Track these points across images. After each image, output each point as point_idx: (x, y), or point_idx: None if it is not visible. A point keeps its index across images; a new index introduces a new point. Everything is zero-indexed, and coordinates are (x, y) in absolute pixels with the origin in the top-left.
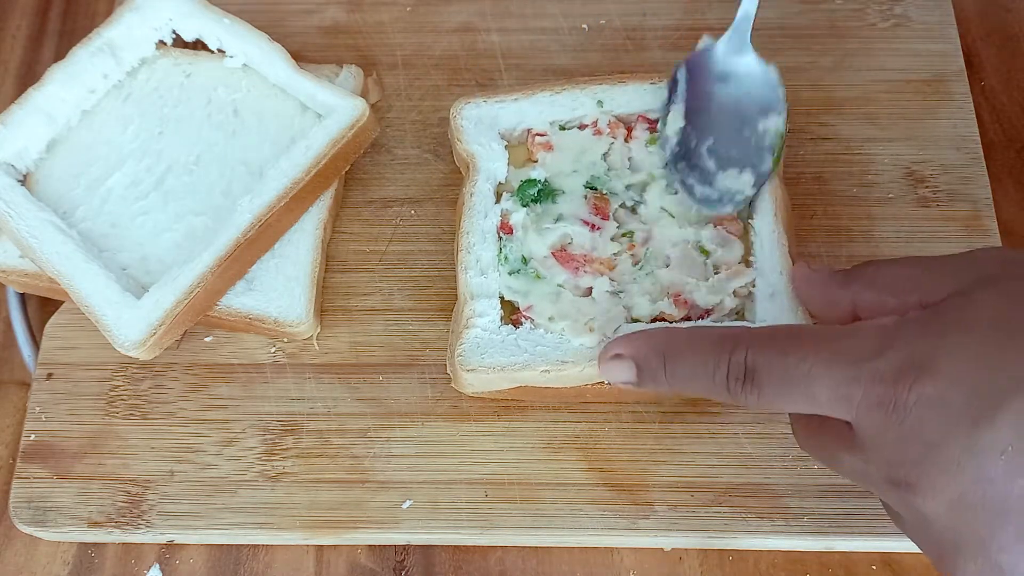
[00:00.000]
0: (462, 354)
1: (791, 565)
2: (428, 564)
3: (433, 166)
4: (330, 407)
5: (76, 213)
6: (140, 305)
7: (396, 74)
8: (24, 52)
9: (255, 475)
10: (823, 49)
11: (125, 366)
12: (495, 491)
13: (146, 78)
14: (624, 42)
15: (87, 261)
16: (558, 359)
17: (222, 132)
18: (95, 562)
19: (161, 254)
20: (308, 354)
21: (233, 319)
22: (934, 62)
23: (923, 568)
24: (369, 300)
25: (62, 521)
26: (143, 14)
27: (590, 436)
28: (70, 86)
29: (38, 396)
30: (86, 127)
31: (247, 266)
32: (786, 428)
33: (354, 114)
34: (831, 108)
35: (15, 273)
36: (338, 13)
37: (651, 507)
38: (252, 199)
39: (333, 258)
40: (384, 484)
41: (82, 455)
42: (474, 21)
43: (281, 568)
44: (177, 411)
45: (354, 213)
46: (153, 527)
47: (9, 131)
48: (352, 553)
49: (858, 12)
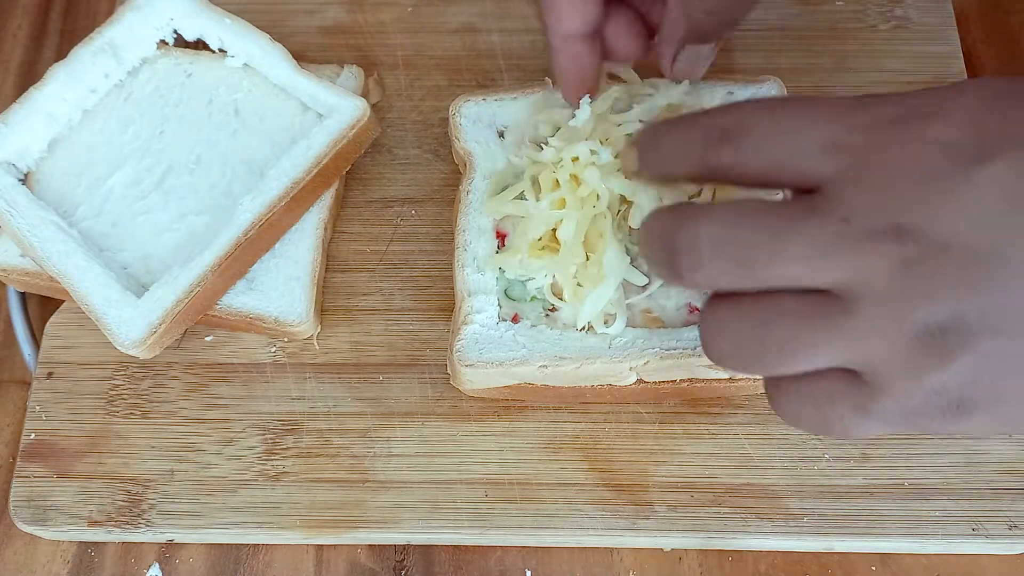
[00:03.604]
0: (460, 350)
1: (791, 565)
2: (428, 564)
3: (434, 166)
4: (330, 407)
5: (77, 212)
6: (141, 304)
7: (397, 74)
8: (25, 51)
9: (255, 474)
10: (824, 50)
11: (126, 365)
12: (495, 491)
13: (147, 78)
14: None
15: (88, 260)
16: (556, 355)
17: (223, 132)
18: (95, 561)
19: (162, 253)
20: (308, 354)
21: (233, 318)
22: (935, 64)
23: (923, 568)
24: (369, 300)
25: (62, 520)
26: (144, 13)
27: (590, 436)
28: (71, 86)
29: (38, 395)
30: (87, 126)
31: (248, 265)
32: (786, 428)
33: (355, 114)
34: None
35: (16, 272)
36: (339, 13)
37: (651, 507)
38: (253, 199)
39: (333, 258)
40: (384, 484)
41: (82, 454)
42: (475, 22)
43: (281, 567)
44: (177, 410)
45: (355, 213)
46: (153, 526)
47: (10, 130)
48: (352, 553)
49: (859, 14)
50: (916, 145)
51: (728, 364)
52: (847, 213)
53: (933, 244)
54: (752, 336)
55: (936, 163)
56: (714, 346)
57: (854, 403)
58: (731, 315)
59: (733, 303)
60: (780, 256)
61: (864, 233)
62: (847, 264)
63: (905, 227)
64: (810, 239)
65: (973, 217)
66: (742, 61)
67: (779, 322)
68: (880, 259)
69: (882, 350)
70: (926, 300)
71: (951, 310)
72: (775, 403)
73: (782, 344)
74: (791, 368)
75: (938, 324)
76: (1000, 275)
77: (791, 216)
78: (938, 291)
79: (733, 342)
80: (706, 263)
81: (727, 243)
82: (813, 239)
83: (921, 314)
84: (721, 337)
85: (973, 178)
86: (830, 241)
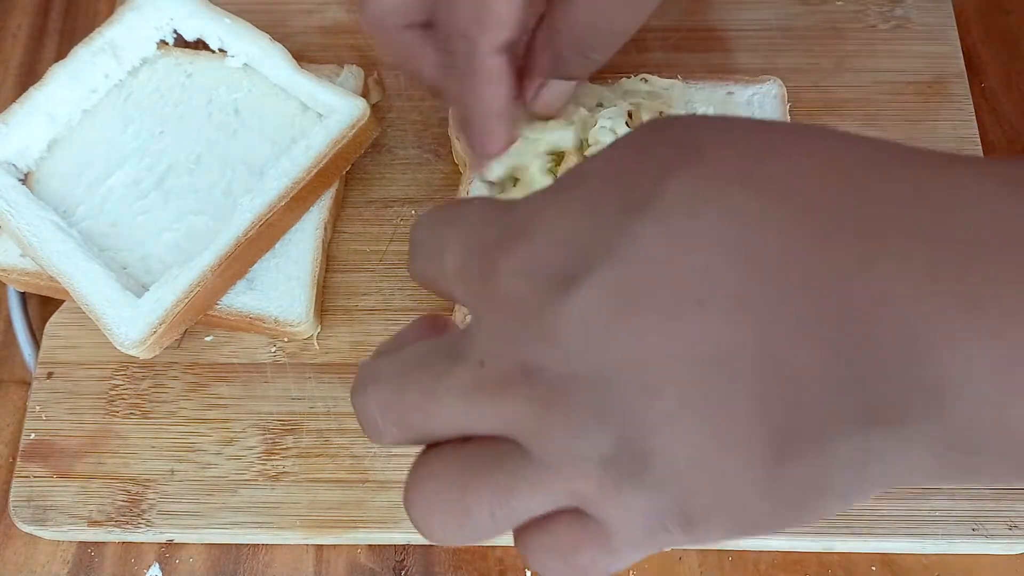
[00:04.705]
0: None
1: (791, 565)
2: (428, 564)
3: (434, 166)
4: (330, 406)
5: (77, 212)
6: (140, 304)
7: (397, 74)
8: (25, 51)
9: (255, 474)
10: (823, 50)
11: (125, 365)
12: None
13: (147, 78)
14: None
15: (87, 260)
16: None
17: (223, 132)
18: (95, 561)
19: (162, 253)
20: (308, 354)
21: (233, 318)
22: (934, 64)
23: (922, 568)
24: (369, 300)
25: (62, 520)
26: (144, 13)
27: None
28: (71, 85)
29: (38, 395)
30: (87, 126)
31: (248, 265)
32: None
33: (355, 114)
34: (831, 109)
35: (15, 272)
36: (339, 13)
37: None
38: (253, 199)
39: (333, 258)
40: (384, 484)
41: (82, 454)
42: None
43: (281, 567)
44: (177, 410)
45: (355, 213)
46: (153, 526)
47: (10, 130)
48: (352, 553)
49: (858, 14)
50: (506, 277)
51: (451, 539)
52: (481, 355)
53: (558, 378)
54: (454, 505)
55: (525, 297)
56: (425, 529)
57: (597, 544)
58: (429, 486)
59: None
60: (435, 417)
61: (498, 377)
62: (493, 413)
63: (528, 366)
64: (456, 393)
65: (575, 349)
66: (742, 61)
67: (475, 486)
68: (518, 404)
69: (580, 487)
70: (580, 434)
71: (611, 437)
72: (530, 564)
73: (491, 509)
74: (508, 526)
75: (606, 453)
76: (624, 400)
77: (440, 368)
78: (585, 424)
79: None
80: (383, 432)
81: (388, 411)
82: (458, 392)
83: (584, 448)
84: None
85: (564, 307)
86: (474, 390)
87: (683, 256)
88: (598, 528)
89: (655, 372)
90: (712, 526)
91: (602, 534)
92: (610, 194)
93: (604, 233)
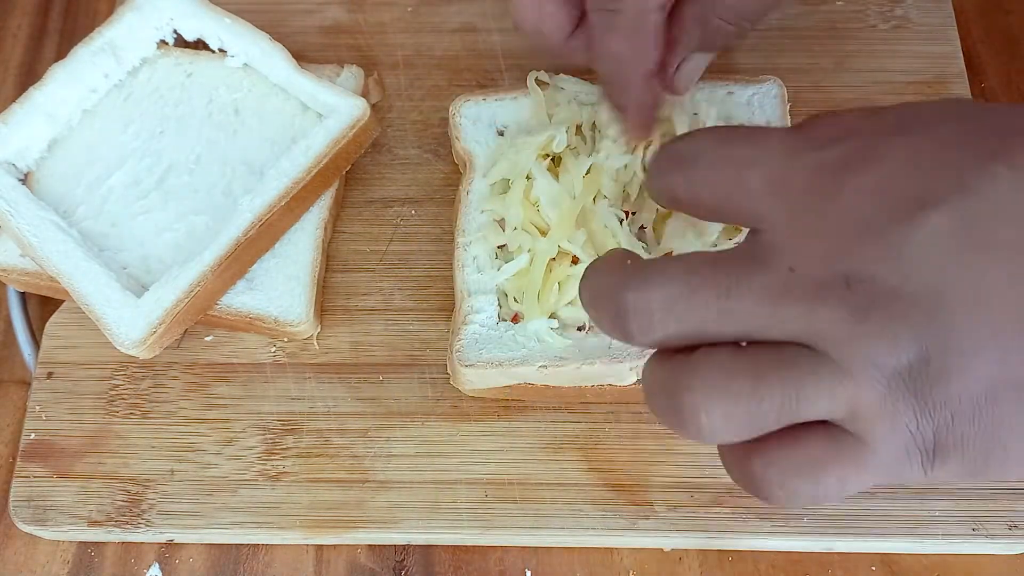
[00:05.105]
0: (460, 350)
1: (791, 565)
2: (428, 564)
3: (434, 166)
4: (330, 407)
5: (77, 212)
6: (140, 304)
7: (397, 74)
8: (25, 51)
9: (255, 474)
10: (823, 50)
11: (125, 365)
12: (495, 491)
13: (147, 78)
14: None
15: (87, 260)
16: (555, 355)
17: (223, 132)
18: (95, 561)
19: (161, 253)
20: (308, 354)
21: (233, 318)
22: (935, 64)
23: (922, 568)
24: (369, 300)
25: (62, 520)
26: (144, 13)
27: (590, 436)
28: (71, 85)
29: (38, 395)
30: (87, 126)
31: (247, 265)
32: None
33: (355, 114)
34: (832, 109)
35: (15, 272)
36: (339, 13)
37: (651, 507)
38: (253, 199)
39: (333, 258)
40: (384, 484)
41: (82, 454)
42: (475, 21)
43: (281, 567)
44: (177, 410)
45: (355, 213)
46: (153, 526)
47: (10, 130)
48: (352, 553)
49: (858, 14)
50: (854, 194)
51: (720, 433)
52: (792, 262)
53: (882, 291)
54: (748, 393)
55: (875, 213)
56: (696, 413)
57: (850, 461)
58: (717, 375)
59: (713, 362)
60: (730, 315)
61: (811, 283)
62: (799, 317)
63: (852, 276)
64: (758, 295)
65: (916, 265)
66: (742, 61)
67: (769, 379)
68: (831, 310)
69: (865, 395)
70: (890, 344)
71: (916, 352)
72: (766, 487)
73: (781, 401)
74: (787, 421)
75: (905, 366)
76: (949, 320)
77: (738, 270)
78: (898, 335)
79: (726, 406)
80: (657, 326)
81: (675, 305)
82: (761, 295)
83: (886, 359)
84: (710, 401)
85: (914, 227)
86: (779, 295)
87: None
88: (854, 445)
89: (990, 300)
90: (959, 466)
91: (857, 452)
92: (963, 139)
93: (958, 171)
